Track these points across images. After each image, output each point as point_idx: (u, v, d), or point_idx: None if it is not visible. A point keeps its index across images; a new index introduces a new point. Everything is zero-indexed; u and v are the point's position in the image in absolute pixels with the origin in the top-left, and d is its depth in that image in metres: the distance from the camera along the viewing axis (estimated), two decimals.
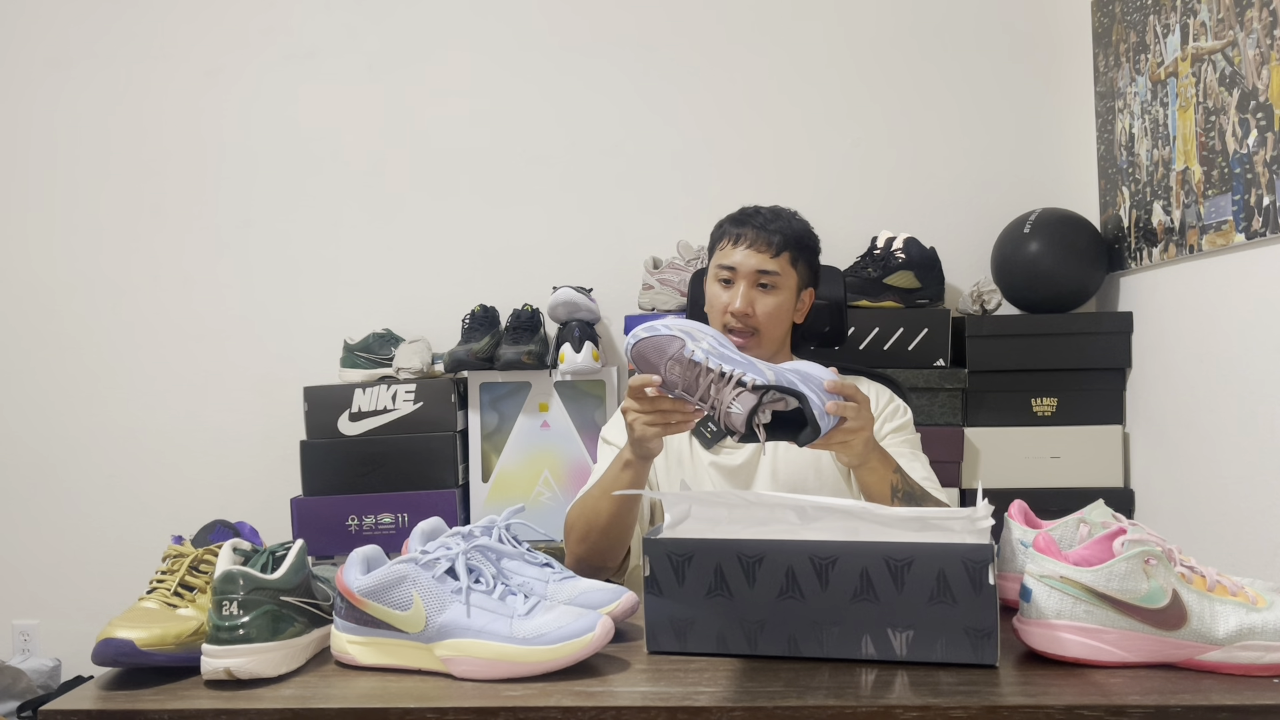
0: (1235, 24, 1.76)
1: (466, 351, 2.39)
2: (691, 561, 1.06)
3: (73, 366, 2.75)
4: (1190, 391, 2.00)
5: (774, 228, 1.60)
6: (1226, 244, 1.82)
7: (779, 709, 0.93)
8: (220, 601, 1.02)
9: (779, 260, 1.60)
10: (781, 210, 1.65)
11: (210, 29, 2.72)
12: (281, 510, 2.43)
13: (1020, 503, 1.17)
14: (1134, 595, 0.97)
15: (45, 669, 2.65)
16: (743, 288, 1.58)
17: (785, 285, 1.61)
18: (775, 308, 1.60)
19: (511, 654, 1.01)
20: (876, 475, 1.34)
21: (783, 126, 2.62)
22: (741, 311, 1.57)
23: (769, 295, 1.60)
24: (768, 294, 1.60)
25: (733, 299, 1.58)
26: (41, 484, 2.76)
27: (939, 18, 2.59)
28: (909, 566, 1.00)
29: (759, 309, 1.59)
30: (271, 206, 2.72)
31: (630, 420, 1.32)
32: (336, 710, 0.96)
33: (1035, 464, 2.28)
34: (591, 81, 2.66)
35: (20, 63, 2.75)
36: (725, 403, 1.15)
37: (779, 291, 1.60)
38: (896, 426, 1.63)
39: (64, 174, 2.75)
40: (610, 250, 2.63)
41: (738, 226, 1.61)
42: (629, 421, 1.33)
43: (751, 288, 1.59)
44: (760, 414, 1.14)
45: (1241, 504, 1.82)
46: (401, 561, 1.06)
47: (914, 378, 2.27)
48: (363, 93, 2.70)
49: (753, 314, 1.58)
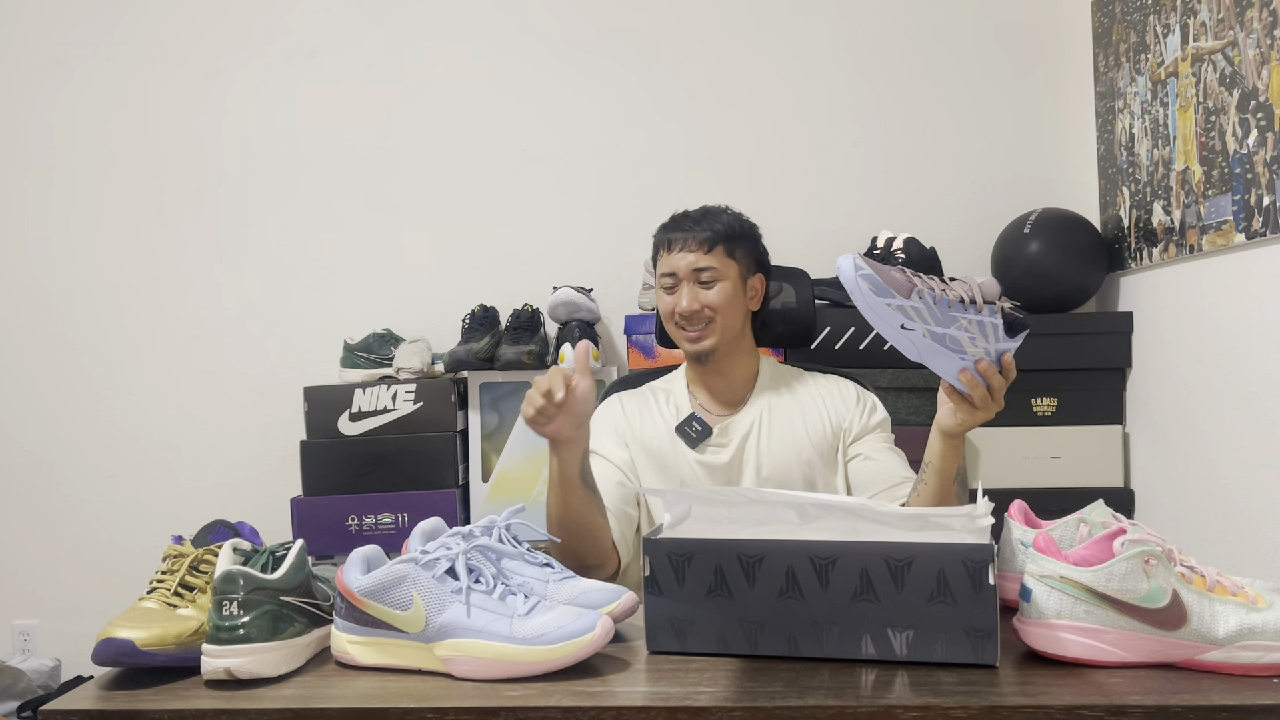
0: (1235, 24, 1.76)
1: (466, 351, 2.39)
2: (691, 561, 1.06)
3: (73, 367, 2.75)
4: (1190, 391, 2.00)
5: (703, 225, 1.63)
6: (1226, 244, 1.82)
7: (779, 709, 0.93)
8: (220, 601, 1.02)
9: (713, 255, 1.62)
10: (710, 208, 1.67)
11: (210, 29, 2.72)
12: (281, 510, 2.43)
13: (1020, 503, 1.17)
14: (1134, 595, 0.97)
15: (45, 669, 2.65)
16: (685, 288, 1.61)
17: (726, 275, 1.63)
18: (720, 297, 1.62)
19: (511, 654, 1.01)
20: (956, 455, 1.35)
21: (783, 126, 2.62)
22: (687, 310, 1.60)
23: (711, 289, 1.62)
24: (710, 288, 1.62)
25: (677, 301, 1.61)
26: (42, 484, 2.76)
27: (939, 18, 2.59)
28: (909, 566, 1.00)
29: (705, 301, 1.61)
30: (271, 207, 2.72)
31: (523, 409, 1.35)
32: (336, 710, 0.96)
33: (1035, 464, 2.28)
34: (592, 81, 2.66)
35: (20, 63, 2.75)
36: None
37: (721, 283, 1.63)
38: (880, 421, 1.67)
39: (64, 175, 2.75)
40: (610, 250, 2.63)
41: (669, 233, 1.65)
42: (523, 409, 1.35)
43: (693, 285, 1.61)
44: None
45: (1241, 504, 1.82)
46: (401, 561, 1.06)
47: (914, 378, 2.27)
48: (363, 93, 2.70)
49: (700, 308, 1.60)
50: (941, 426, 1.32)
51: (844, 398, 1.68)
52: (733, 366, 1.67)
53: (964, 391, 1.24)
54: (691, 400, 1.68)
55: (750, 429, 1.64)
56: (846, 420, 1.65)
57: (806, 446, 1.62)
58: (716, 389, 1.68)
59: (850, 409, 1.66)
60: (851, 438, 1.64)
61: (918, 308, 1.15)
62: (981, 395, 1.23)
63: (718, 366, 1.66)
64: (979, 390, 1.23)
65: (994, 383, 1.23)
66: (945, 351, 1.20)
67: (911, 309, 1.15)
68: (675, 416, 1.67)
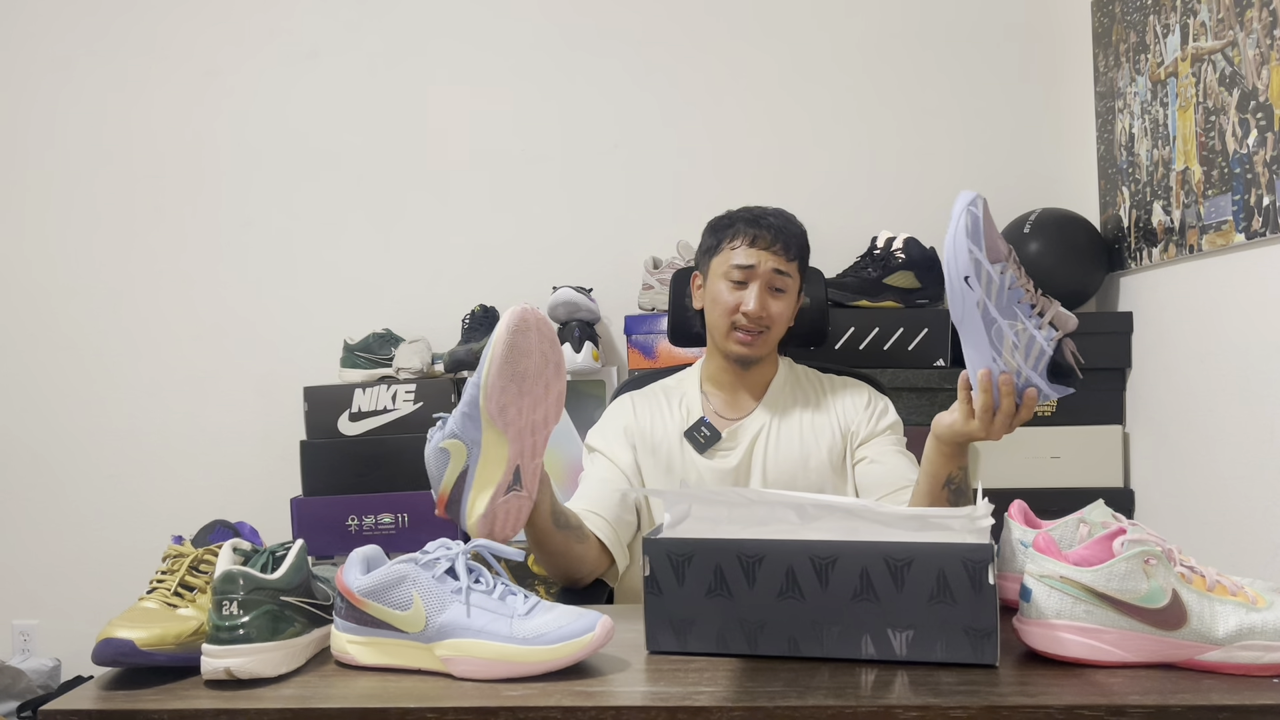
0: (1235, 24, 1.76)
1: (466, 351, 2.39)
2: (691, 561, 1.06)
3: (73, 367, 2.75)
4: (1190, 391, 2.00)
5: (790, 230, 1.59)
6: (1226, 244, 1.82)
7: (779, 709, 0.93)
8: (220, 601, 1.02)
9: (793, 264, 1.59)
10: (789, 215, 1.63)
11: (210, 28, 2.72)
12: (281, 510, 2.43)
13: (1020, 503, 1.17)
14: (1134, 595, 0.97)
15: (45, 669, 2.65)
16: (757, 288, 1.56)
17: (793, 289, 1.61)
18: (785, 310, 1.59)
19: (511, 654, 1.01)
20: (947, 463, 1.31)
21: (784, 126, 2.62)
22: (757, 313, 1.55)
23: (780, 298, 1.58)
24: (779, 297, 1.58)
25: (747, 300, 1.55)
26: (42, 484, 2.76)
27: (939, 19, 2.59)
28: (909, 566, 1.00)
29: (772, 310, 1.57)
30: (271, 206, 2.72)
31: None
32: (336, 710, 0.96)
33: (1035, 464, 2.28)
34: (592, 81, 2.66)
35: (20, 63, 2.75)
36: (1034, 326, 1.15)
37: (788, 295, 1.60)
38: (890, 424, 1.65)
39: (64, 174, 2.75)
40: (610, 250, 2.63)
41: (752, 226, 1.57)
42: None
43: (765, 289, 1.56)
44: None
45: (1241, 504, 1.82)
46: (401, 561, 1.06)
47: (914, 378, 2.27)
48: (363, 92, 2.70)
49: (766, 315, 1.56)
50: (934, 426, 1.30)
51: (855, 401, 1.66)
52: (757, 372, 1.66)
53: (972, 390, 1.21)
54: (704, 402, 1.66)
55: (759, 432, 1.63)
56: (854, 424, 1.63)
57: (814, 451, 1.61)
58: (735, 391, 1.66)
59: (860, 412, 1.64)
60: (859, 440, 1.63)
61: (992, 276, 1.13)
62: (984, 406, 1.19)
63: (747, 372, 1.64)
64: (985, 399, 1.19)
65: (1004, 403, 1.18)
66: (984, 337, 1.17)
67: (986, 273, 1.13)
68: (685, 419, 1.65)
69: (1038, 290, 1.17)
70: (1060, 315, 1.18)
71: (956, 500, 1.33)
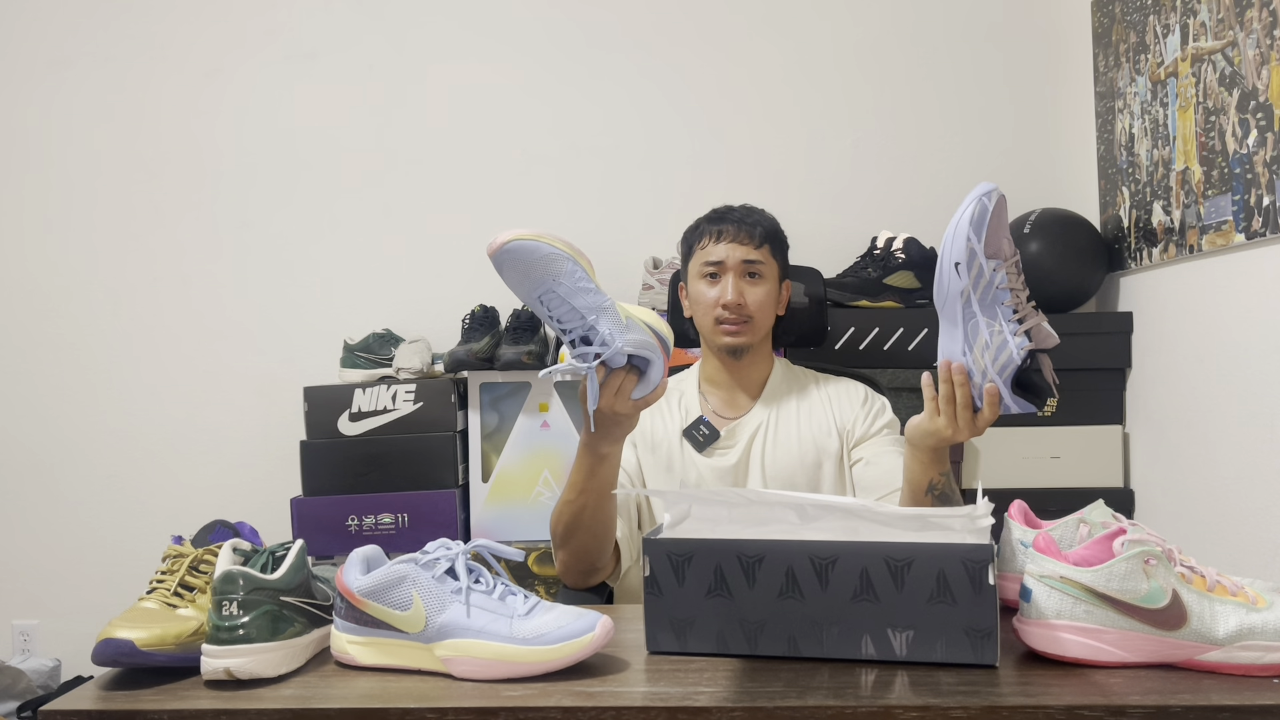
0: (1235, 24, 1.76)
1: (466, 351, 2.39)
2: (691, 561, 1.06)
3: (72, 367, 2.75)
4: (1190, 391, 2.00)
5: (752, 220, 1.64)
6: (1226, 244, 1.81)
7: (779, 709, 0.93)
8: (220, 602, 1.02)
9: (762, 251, 1.63)
10: (753, 207, 1.69)
11: (210, 29, 2.72)
12: (281, 510, 2.43)
13: (1020, 503, 1.17)
14: (1134, 595, 0.97)
15: (45, 669, 2.65)
16: (731, 279, 1.61)
17: (769, 275, 1.64)
18: (764, 296, 1.63)
19: (511, 654, 1.01)
20: (925, 469, 1.31)
21: (783, 126, 2.62)
22: (734, 302, 1.60)
23: (757, 285, 1.62)
24: (755, 284, 1.62)
25: (723, 291, 1.60)
26: (42, 485, 2.76)
27: (940, 18, 2.59)
28: (909, 566, 1.00)
29: (750, 298, 1.61)
30: (271, 207, 2.72)
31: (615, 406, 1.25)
32: (336, 710, 0.96)
33: (1035, 464, 2.28)
34: (592, 81, 2.66)
35: (19, 62, 2.75)
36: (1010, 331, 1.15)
37: (765, 281, 1.63)
38: (887, 423, 1.66)
39: (63, 175, 2.75)
40: (610, 250, 2.63)
41: (717, 223, 1.64)
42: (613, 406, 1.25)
43: (740, 278, 1.61)
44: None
45: (1241, 504, 1.82)
46: (401, 561, 1.06)
47: (914, 378, 2.26)
48: (363, 93, 2.70)
49: (745, 303, 1.60)
50: (906, 431, 1.31)
51: (851, 401, 1.67)
52: (752, 368, 1.68)
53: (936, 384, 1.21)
54: (702, 402, 1.68)
55: (757, 431, 1.64)
56: (850, 424, 1.65)
57: (811, 450, 1.63)
58: (732, 389, 1.68)
59: (855, 412, 1.66)
60: (854, 441, 1.64)
61: (983, 270, 1.14)
62: (945, 396, 1.20)
63: (741, 365, 1.66)
64: (946, 389, 1.20)
65: (958, 393, 1.19)
66: (959, 328, 1.17)
67: (978, 264, 1.14)
68: (684, 418, 1.67)
69: (1029, 301, 1.17)
70: (1041, 330, 1.18)
71: (943, 503, 1.33)
